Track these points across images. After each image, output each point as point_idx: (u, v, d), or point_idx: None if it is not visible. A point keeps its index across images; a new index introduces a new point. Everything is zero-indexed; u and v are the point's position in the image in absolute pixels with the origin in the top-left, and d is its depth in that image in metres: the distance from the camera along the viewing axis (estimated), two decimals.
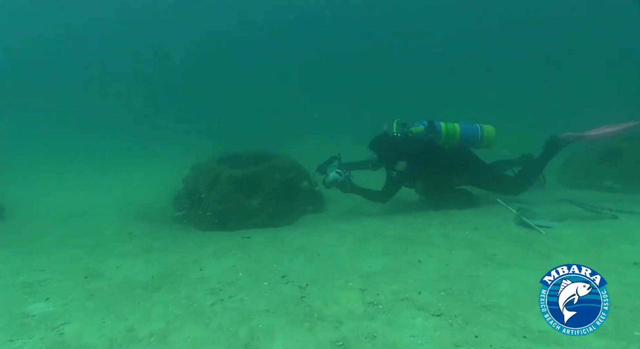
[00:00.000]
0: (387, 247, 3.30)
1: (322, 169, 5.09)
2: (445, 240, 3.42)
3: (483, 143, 4.78)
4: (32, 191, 6.81)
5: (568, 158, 6.26)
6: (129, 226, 4.64)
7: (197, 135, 11.87)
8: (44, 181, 7.60)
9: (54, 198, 6.42)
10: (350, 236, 3.73)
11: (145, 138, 11.98)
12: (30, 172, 8.33)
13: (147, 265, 3.07)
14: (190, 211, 5.22)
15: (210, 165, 5.50)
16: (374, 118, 5.40)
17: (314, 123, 12.64)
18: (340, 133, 10.54)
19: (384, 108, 12.66)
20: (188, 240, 3.94)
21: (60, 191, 6.90)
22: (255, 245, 3.61)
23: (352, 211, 5.25)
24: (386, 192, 4.78)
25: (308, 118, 13.47)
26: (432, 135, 4.69)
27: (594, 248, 2.91)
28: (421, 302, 2.20)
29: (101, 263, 3.15)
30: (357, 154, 5.52)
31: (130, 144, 11.25)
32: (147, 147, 11.02)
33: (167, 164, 9.12)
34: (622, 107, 5.65)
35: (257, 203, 5.02)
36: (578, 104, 9.47)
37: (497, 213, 4.21)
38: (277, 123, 12.74)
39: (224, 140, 10.50)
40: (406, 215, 4.56)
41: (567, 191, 5.51)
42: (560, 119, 7.07)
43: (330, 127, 11.69)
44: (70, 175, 8.19)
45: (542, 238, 3.27)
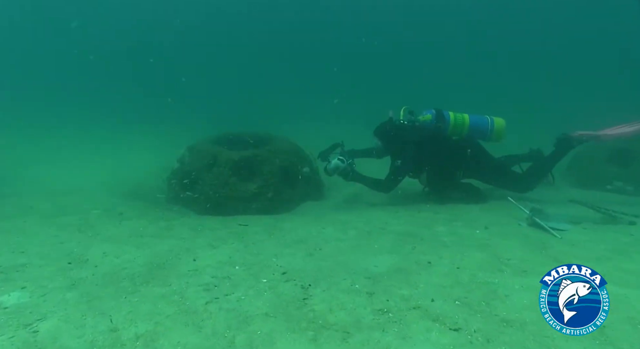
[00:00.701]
0: (393, 244, 3.11)
1: (325, 156, 4.88)
2: (454, 238, 3.23)
3: (492, 135, 4.58)
4: (17, 165, 6.49)
5: (574, 156, 6.06)
6: (119, 206, 4.40)
7: (193, 114, 11.54)
8: (31, 155, 7.27)
9: (40, 172, 6.11)
10: (353, 230, 3.53)
11: (140, 115, 11.60)
12: (18, 146, 7.97)
13: (137, 252, 2.85)
14: (186, 193, 4.98)
15: (208, 146, 5.23)
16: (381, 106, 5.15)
17: (321, 109, 12.31)
18: (345, 120, 10.27)
19: (393, 98, 12.33)
20: (182, 224, 3.72)
21: (48, 165, 6.59)
22: (253, 234, 3.40)
23: (353, 201, 5.05)
24: (390, 182, 4.58)
25: (313, 102, 13.15)
26: (440, 124, 4.47)
27: (615, 257, 2.73)
28: (435, 312, 2.01)
29: (87, 247, 2.92)
30: (361, 142, 5.31)
31: (124, 120, 10.89)
32: (142, 123, 10.67)
33: (162, 141, 8.85)
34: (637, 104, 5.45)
35: (256, 188, 4.79)
36: (589, 101, 9.23)
37: (507, 212, 4.03)
38: (280, 106, 12.44)
39: (223, 119, 10.20)
40: (409, 208, 4.37)
41: (574, 191, 5.34)
42: (573, 115, 6.84)
43: (337, 115, 11.38)
44: (59, 150, 7.87)
45: (558, 242, 3.09)
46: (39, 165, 6.62)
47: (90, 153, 7.80)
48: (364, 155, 5.06)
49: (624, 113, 4.61)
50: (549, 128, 5.27)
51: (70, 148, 8.01)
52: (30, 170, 6.32)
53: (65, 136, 9.00)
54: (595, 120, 4.63)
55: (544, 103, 11.84)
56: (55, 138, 8.69)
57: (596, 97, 10.18)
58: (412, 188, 5.01)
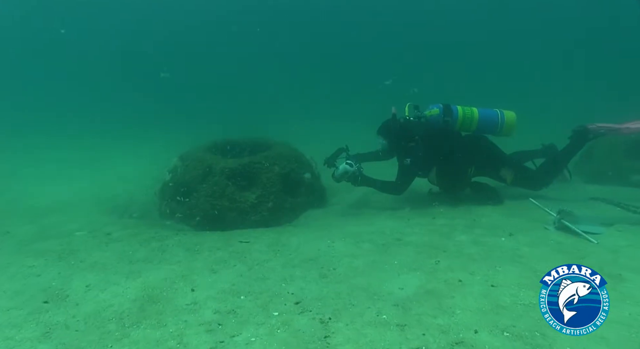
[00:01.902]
0: (414, 259, 2.79)
1: (331, 162, 4.57)
2: (479, 249, 2.92)
3: (502, 130, 4.31)
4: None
5: (588, 149, 5.78)
6: (107, 225, 4.03)
7: (187, 119, 11.16)
8: (10, 168, 6.84)
9: (21, 188, 5.71)
10: (366, 243, 3.20)
11: (130, 123, 11.18)
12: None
13: (126, 283, 2.50)
14: (179, 207, 4.62)
15: (202, 155, 4.87)
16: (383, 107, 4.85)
17: (321, 111, 11.99)
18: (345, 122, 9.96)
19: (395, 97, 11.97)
20: (177, 244, 3.36)
21: (30, 180, 6.18)
22: (256, 253, 3.05)
23: (358, 207, 4.73)
24: (401, 182, 4.29)
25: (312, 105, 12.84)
26: (448, 118, 4.18)
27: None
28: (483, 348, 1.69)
29: (68, 279, 2.56)
30: (363, 145, 5.00)
31: (113, 128, 10.47)
32: (132, 132, 10.26)
33: (154, 151, 8.47)
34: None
35: (255, 198, 4.45)
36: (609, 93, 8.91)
37: (528, 214, 3.74)
38: (280, 109, 12.11)
39: (219, 124, 9.83)
40: (421, 214, 4.06)
41: (590, 187, 5.05)
42: (589, 108, 6.58)
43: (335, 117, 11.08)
44: (43, 162, 7.42)
45: (596, 249, 2.79)
46: (20, 179, 6.19)
47: (79, 165, 7.40)
48: (371, 158, 4.76)
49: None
50: (562, 123, 4.97)
51: (56, 161, 7.57)
52: (11, 185, 5.89)
53: (51, 147, 8.57)
54: (615, 115, 4.36)
55: (563, 99, 11.44)
56: (39, 150, 8.25)
57: (616, 93, 9.84)
58: (419, 189, 4.71)
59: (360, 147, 4.87)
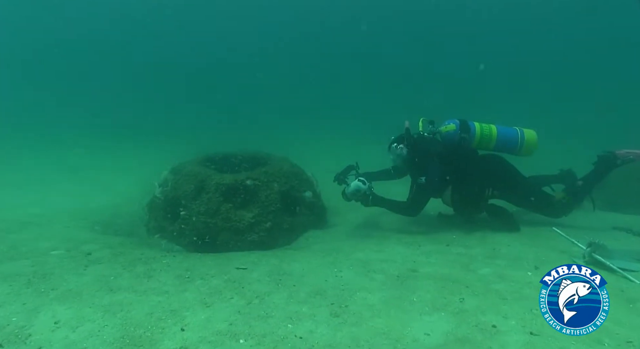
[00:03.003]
0: (436, 296, 2.46)
1: (341, 179, 4.27)
2: (507, 286, 2.61)
3: (522, 150, 4.05)
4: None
5: None
6: (88, 243, 3.63)
7: (179, 129, 10.79)
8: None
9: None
10: (378, 273, 2.87)
11: (116, 133, 10.75)
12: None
13: (103, 319, 2.12)
14: (169, 224, 4.25)
15: (195, 168, 4.52)
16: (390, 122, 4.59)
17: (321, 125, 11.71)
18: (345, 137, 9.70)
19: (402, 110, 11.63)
20: (165, 268, 2.99)
21: (7, 191, 5.73)
22: (255, 283, 2.69)
23: (361, 228, 4.42)
24: (415, 203, 3.99)
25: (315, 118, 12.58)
26: (465, 135, 3.92)
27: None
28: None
29: (33, 313, 2.16)
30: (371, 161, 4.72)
31: (99, 137, 10.04)
32: (119, 142, 9.85)
33: (141, 162, 8.08)
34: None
35: (252, 217, 4.10)
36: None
37: (550, 244, 3.46)
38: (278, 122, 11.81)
39: (212, 136, 9.49)
40: (433, 240, 3.75)
41: (608, 215, 4.78)
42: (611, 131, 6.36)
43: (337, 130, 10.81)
44: (17, 171, 6.97)
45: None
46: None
47: (58, 174, 6.96)
48: (381, 177, 4.48)
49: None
50: (585, 146, 4.74)
51: (35, 169, 7.13)
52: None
53: (29, 154, 8.11)
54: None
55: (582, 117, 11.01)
56: (15, 157, 7.79)
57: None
58: (427, 210, 4.40)
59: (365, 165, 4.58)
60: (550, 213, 4.10)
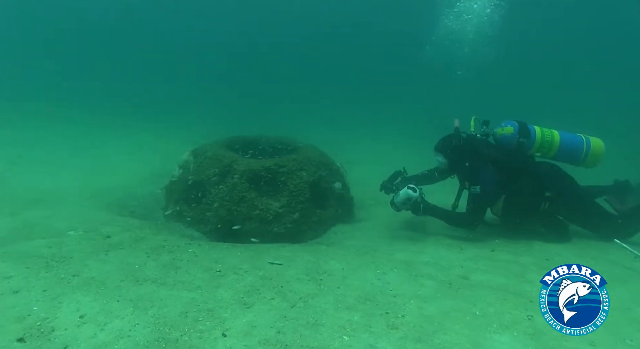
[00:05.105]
0: (499, 310, 2.21)
1: (389, 187, 3.99)
2: None
3: (586, 160, 3.68)
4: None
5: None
6: (106, 225, 3.38)
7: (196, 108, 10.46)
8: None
9: (4, 177, 4.99)
10: (425, 279, 2.61)
11: (129, 112, 10.45)
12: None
13: (133, 316, 1.87)
14: (190, 209, 3.99)
15: (219, 151, 4.25)
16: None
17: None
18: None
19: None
20: (193, 259, 2.73)
21: (17, 167, 5.46)
22: (294, 282, 2.44)
23: (390, 224, 4.16)
24: (474, 214, 3.58)
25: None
26: (524, 140, 3.58)
27: None
28: None
29: (56, 303, 1.91)
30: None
31: (111, 115, 9.74)
32: (131, 121, 9.55)
33: (159, 141, 7.82)
34: None
35: (279, 207, 3.84)
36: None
37: (607, 257, 3.19)
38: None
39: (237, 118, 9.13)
40: (475, 244, 3.48)
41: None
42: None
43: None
44: (33, 148, 6.69)
45: None
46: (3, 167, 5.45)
47: (67, 151, 6.69)
48: (426, 180, 4.15)
49: None
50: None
51: (45, 145, 6.86)
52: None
53: (39, 130, 7.84)
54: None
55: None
56: (26, 132, 7.52)
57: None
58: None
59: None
60: (612, 234, 3.48)
